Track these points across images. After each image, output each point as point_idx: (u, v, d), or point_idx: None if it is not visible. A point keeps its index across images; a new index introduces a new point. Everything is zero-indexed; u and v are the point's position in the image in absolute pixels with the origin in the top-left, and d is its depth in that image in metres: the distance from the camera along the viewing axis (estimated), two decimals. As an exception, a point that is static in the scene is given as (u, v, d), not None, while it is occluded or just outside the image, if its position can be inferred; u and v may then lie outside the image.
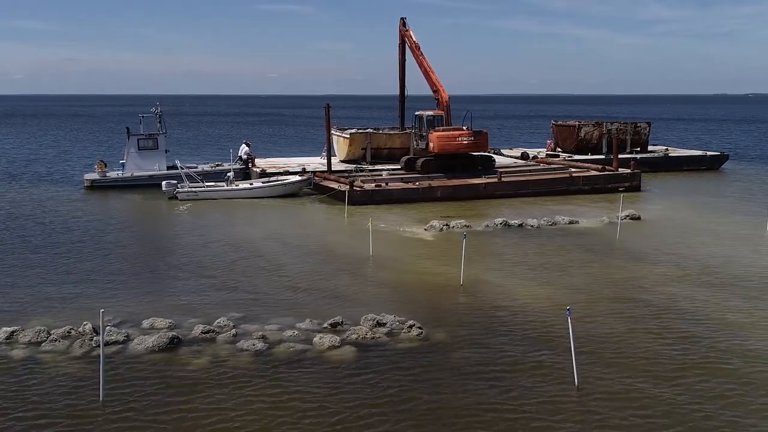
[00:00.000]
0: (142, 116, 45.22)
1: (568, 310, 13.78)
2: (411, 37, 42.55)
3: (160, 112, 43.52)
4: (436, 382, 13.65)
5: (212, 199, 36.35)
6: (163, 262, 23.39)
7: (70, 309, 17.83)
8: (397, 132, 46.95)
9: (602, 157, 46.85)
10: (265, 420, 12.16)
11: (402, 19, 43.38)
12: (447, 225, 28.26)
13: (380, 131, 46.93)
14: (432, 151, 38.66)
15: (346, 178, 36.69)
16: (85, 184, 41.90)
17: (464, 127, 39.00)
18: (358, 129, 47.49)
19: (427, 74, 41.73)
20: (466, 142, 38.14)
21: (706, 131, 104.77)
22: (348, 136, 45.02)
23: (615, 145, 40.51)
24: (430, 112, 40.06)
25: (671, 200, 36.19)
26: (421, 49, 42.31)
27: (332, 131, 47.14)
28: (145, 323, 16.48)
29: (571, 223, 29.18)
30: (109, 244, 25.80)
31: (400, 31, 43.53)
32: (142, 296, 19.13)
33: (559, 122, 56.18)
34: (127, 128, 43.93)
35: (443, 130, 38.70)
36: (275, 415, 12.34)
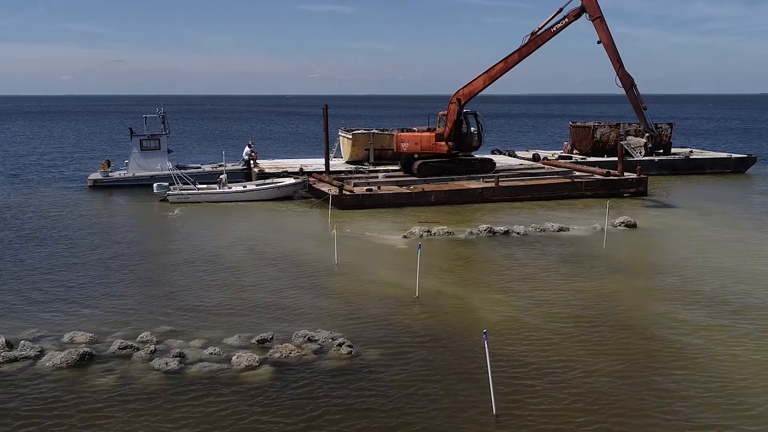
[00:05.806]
0: (146, 117, 45.17)
1: (485, 333, 12.66)
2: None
3: (164, 112, 43.32)
4: (349, 406, 12.66)
5: (203, 202, 35.72)
6: (118, 269, 22.56)
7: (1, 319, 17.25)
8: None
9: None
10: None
11: None
12: (428, 232, 27.13)
13: (384, 132, 45.95)
14: None
15: (340, 180, 35.75)
16: (88, 184, 41.95)
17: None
18: (363, 130, 46.63)
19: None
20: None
21: (740, 132, 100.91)
22: (351, 137, 44.19)
23: (619, 148, 38.78)
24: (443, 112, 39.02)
25: (678, 207, 34.35)
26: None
27: (339, 132, 46.57)
28: (66, 337, 15.77)
29: (560, 230, 27.72)
30: (75, 249, 25.28)
31: None
32: (77, 306, 18.44)
33: (576, 123, 54.62)
34: (131, 129, 43.85)
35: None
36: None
